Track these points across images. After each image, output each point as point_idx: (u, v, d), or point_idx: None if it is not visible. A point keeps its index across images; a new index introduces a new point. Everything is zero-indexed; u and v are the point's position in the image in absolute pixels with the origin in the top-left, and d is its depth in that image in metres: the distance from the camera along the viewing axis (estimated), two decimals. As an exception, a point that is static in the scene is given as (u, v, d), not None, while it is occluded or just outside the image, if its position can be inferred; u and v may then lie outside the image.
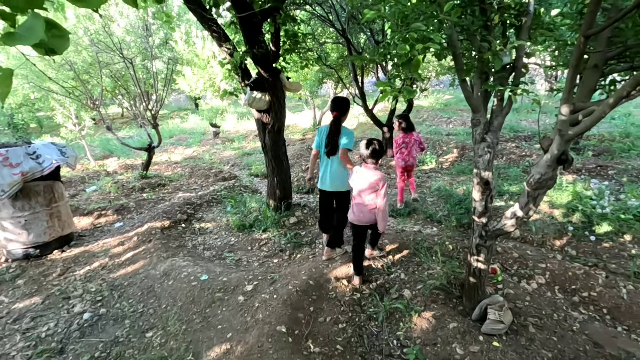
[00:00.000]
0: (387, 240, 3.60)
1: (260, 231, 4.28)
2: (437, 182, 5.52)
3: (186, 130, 13.52)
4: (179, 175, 7.31)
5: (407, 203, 4.91)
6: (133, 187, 6.41)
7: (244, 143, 10.51)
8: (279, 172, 4.36)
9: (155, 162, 8.57)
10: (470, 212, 4.51)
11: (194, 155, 9.45)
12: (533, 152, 6.22)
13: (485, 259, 2.49)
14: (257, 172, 7.30)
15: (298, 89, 4.14)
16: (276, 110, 3.96)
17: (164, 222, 4.46)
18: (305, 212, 4.65)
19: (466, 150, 7.24)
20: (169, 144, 10.90)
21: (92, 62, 6.45)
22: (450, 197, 4.89)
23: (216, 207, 5.28)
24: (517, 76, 2.21)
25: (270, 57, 3.52)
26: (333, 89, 11.69)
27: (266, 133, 4.14)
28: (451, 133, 9.67)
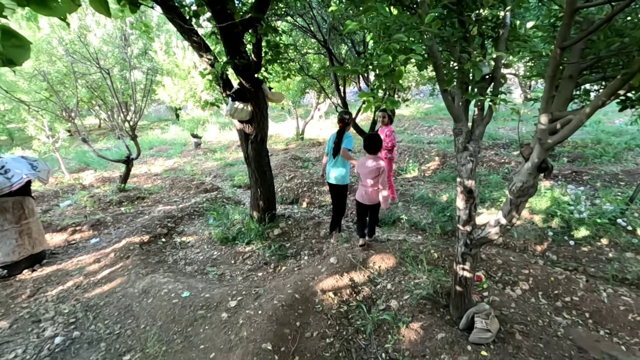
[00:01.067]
0: (373, 251, 3.57)
1: (243, 244, 4.18)
2: (420, 190, 5.57)
3: (167, 141, 13.25)
4: (159, 188, 7.12)
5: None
6: (110, 201, 6.19)
7: (226, 154, 10.38)
8: (262, 183, 4.30)
9: (135, 174, 8.32)
10: (454, 220, 4.57)
11: (174, 167, 9.24)
12: (512, 159, 6.39)
13: (471, 267, 2.49)
14: (240, 183, 7.19)
15: (280, 100, 4.12)
16: (259, 121, 3.92)
17: (143, 237, 4.30)
18: (290, 223, 4.59)
19: (447, 158, 7.36)
20: (149, 155, 10.64)
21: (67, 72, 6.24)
22: (434, 204, 4.94)
23: (198, 220, 5.14)
24: (496, 86, 2.26)
25: (251, 67, 3.49)
26: (315, 99, 11.75)
27: (249, 144, 4.08)
28: (432, 141, 9.84)
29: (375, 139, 3.48)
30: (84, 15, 10.83)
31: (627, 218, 3.85)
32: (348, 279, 3.16)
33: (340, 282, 3.11)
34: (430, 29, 1.56)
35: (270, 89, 3.94)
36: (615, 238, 3.65)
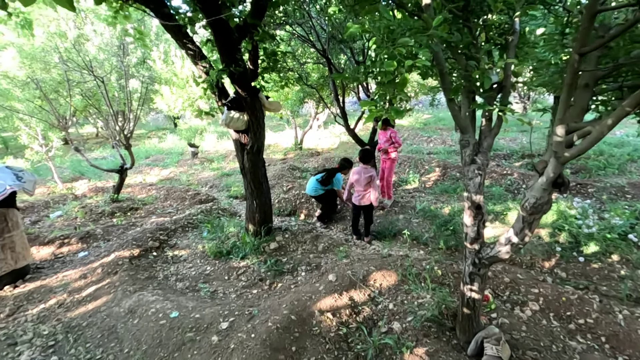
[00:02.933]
0: (374, 267, 3.40)
1: (238, 258, 4.00)
2: (422, 202, 5.42)
3: (164, 150, 13.11)
4: (153, 198, 6.94)
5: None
6: (102, 212, 6.01)
7: (224, 163, 10.23)
8: (258, 195, 4.14)
9: (129, 184, 8.15)
10: (457, 234, 4.42)
11: (170, 177, 9.08)
12: (514, 171, 6.26)
13: (479, 288, 2.33)
14: (236, 193, 7.02)
15: (278, 109, 3.99)
16: (255, 131, 3.78)
17: (133, 251, 4.11)
18: (287, 236, 4.41)
19: (448, 170, 7.23)
20: (145, 164, 10.48)
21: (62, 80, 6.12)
22: (436, 217, 4.78)
23: (192, 233, 4.96)
24: (505, 95, 2.13)
25: (248, 75, 3.37)
26: (314, 109, 11.67)
27: (245, 154, 3.93)
28: (432, 152, 9.73)
29: (370, 152, 4.46)
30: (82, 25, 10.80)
31: (637, 233, 3.70)
32: (347, 298, 2.98)
33: (339, 301, 2.93)
34: (437, 32, 1.43)
35: (267, 98, 3.81)
36: (627, 254, 3.49)
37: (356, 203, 4.49)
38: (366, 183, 4.34)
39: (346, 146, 11.77)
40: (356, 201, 4.48)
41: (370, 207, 4.48)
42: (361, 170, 4.34)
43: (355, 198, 4.48)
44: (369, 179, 4.33)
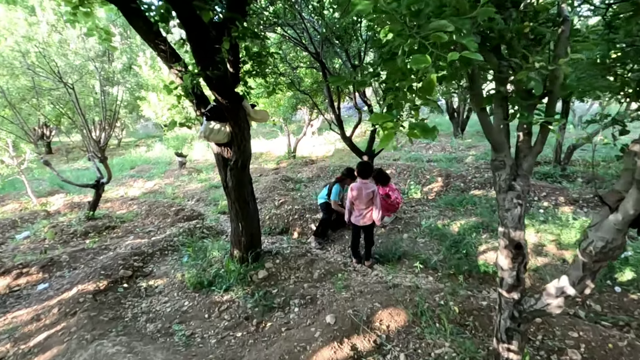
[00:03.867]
0: (378, 304, 2.89)
1: (221, 291, 3.47)
2: (427, 218, 4.93)
3: (150, 160, 12.53)
4: (133, 215, 6.38)
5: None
6: (74, 232, 5.44)
7: (212, 174, 9.68)
8: (244, 216, 3.62)
9: (109, 198, 7.58)
10: (470, 257, 3.94)
11: (155, 189, 8.51)
12: (523, 181, 5.80)
13: (519, 347, 1.83)
14: (224, 208, 6.47)
15: (265, 119, 3.49)
16: (239, 144, 3.27)
17: (100, 283, 3.56)
18: (278, 262, 3.89)
19: (451, 179, 6.78)
20: (129, 176, 9.89)
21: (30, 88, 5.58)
22: (444, 237, 4.30)
23: (171, 257, 4.42)
24: (551, 103, 1.66)
25: (228, 80, 2.87)
26: (308, 115, 11.20)
27: (228, 170, 3.42)
28: (432, 159, 9.30)
29: (368, 165, 3.96)
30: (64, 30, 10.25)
31: (678, 257, 3.24)
32: (349, 347, 2.47)
33: (339, 352, 2.41)
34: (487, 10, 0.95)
35: (252, 106, 3.32)
36: (670, 283, 3.03)
37: (356, 223, 3.99)
38: (367, 200, 3.86)
39: (342, 153, 11.30)
40: (356, 221, 3.97)
41: (371, 226, 4.01)
42: (361, 186, 3.83)
43: (355, 217, 3.97)
44: (371, 195, 3.84)
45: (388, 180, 4.79)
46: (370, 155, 6.83)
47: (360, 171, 3.90)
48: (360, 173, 3.89)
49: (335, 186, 4.81)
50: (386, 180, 4.74)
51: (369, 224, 3.95)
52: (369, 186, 3.84)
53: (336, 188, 4.77)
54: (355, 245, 4.16)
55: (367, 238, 4.06)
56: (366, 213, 3.89)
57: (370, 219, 3.91)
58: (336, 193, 4.77)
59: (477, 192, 5.97)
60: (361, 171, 3.90)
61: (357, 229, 4.06)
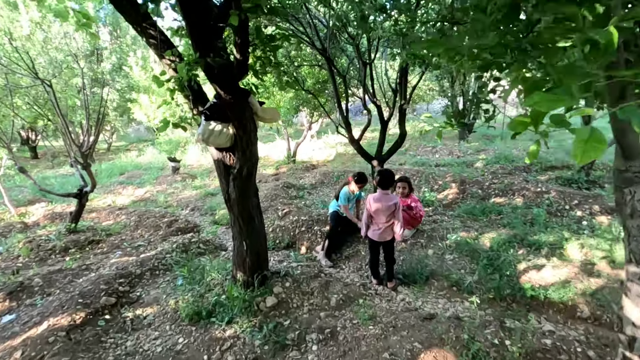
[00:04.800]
0: (418, 343, 2.36)
1: (223, 323, 2.90)
2: (450, 230, 4.42)
3: (142, 165, 11.89)
4: (121, 226, 5.78)
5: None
6: (53, 248, 4.84)
7: (207, 180, 9.10)
8: (249, 233, 3.07)
9: (94, 207, 6.96)
10: (510, 278, 3.42)
11: (146, 197, 7.90)
12: (550, 188, 5.34)
13: None
14: (222, 219, 5.92)
15: (275, 118, 2.96)
16: (244, 148, 2.73)
17: (76, 315, 2.97)
18: (288, 285, 3.34)
19: (467, 185, 6.29)
20: (118, 183, 9.25)
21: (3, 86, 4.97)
22: (475, 253, 3.79)
23: (163, 278, 3.85)
24: None
25: (233, 70, 2.34)
26: (309, 118, 10.68)
27: (230, 180, 2.87)
28: (440, 164, 8.83)
29: (389, 174, 3.41)
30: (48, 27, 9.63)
31: None
32: (392, 408, 1.93)
33: (380, 417, 1.87)
34: None
35: (261, 104, 2.78)
36: None
37: (375, 238, 3.47)
38: (389, 214, 3.36)
39: (343, 158, 10.81)
40: (375, 236, 3.46)
41: (391, 242, 3.51)
42: (381, 198, 3.34)
43: (374, 232, 3.46)
44: (392, 208, 3.35)
45: (411, 190, 4.28)
46: (380, 160, 6.32)
47: (381, 181, 3.39)
48: (381, 183, 3.39)
49: (343, 189, 4.38)
50: (409, 190, 4.23)
51: (389, 240, 3.45)
52: (391, 198, 3.38)
53: (344, 192, 4.36)
54: (374, 263, 3.63)
55: (388, 255, 3.54)
56: (386, 227, 3.41)
57: (390, 234, 3.45)
58: (344, 197, 4.33)
59: (499, 199, 5.48)
60: (382, 181, 3.39)
61: (376, 245, 3.55)
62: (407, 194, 4.29)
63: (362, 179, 4.27)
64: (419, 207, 4.17)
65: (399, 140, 6.21)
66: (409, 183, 4.38)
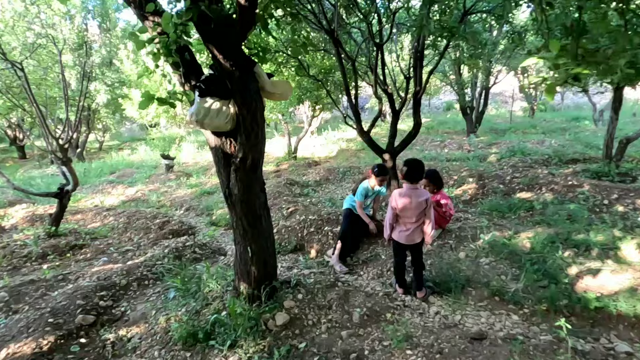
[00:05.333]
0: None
1: (224, 348, 2.37)
2: (479, 228, 3.91)
3: (134, 163, 11.29)
4: (108, 229, 5.22)
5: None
6: (29, 254, 4.27)
7: (204, 178, 8.54)
8: (254, 237, 2.54)
9: (80, 208, 6.39)
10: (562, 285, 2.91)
11: (137, 197, 7.32)
12: (583, 182, 4.83)
13: None
14: (220, 220, 5.38)
15: (286, 94, 2.40)
16: (248, 131, 2.19)
17: (44, 340, 2.43)
18: (301, 298, 2.81)
19: (486, 180, 5.79)
20: (107, 182, 8.65)
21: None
22: (515, 256, 3.28)
23: (153, 289, 3.30)
24: None
25: (235, 26, 1.79)
26: (309, 112, 10.14)
27: (231, 172, 2.33)
28: (451, 158, 8.34)
29: (418, 164, 2.85)
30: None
31: None
32: None
33: None
34: None
35: (270, 76, 2.25)
36: None
37: (402, 241, 2.94)
38: (419, 212, 2.83)
39: (346, 154, 10.29)
40: (402, 238, 2.93)
41: (420, 245, 2.99)
42: (409, 193, 2.81)
43: (401, 233, 2.94)
44: (423, 205, 2.81)
45: (442, 184, 3.74)
46: (392, 153, 5.81)
47: (409, 173, 2.83)
48: (409, 175, 2.83)
49: (361, 184, 3.83)
50: (439, 184, 3.69)
51: (417, 242, 2.94)
52: (421, 193, 2.84)
53: (362, 186, 3.79)
54: (400, 270, 3.10)
55: (416, 260, 3.00)
56: (415, 228, 2.89)
57: (420, 235, 2.94)
58: (362, 192, 3.80)
59: (525, 194, 4.98)
60: (410, 173, 2.83)
61: (402, 248, 3.01)
62: (437, 190, 3.76)
63: (382, 171, 3.72)
64: (449, 204, 3.65)
65: (413, 131, 5.70)
66: (436, 178, 3.82)
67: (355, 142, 11.41)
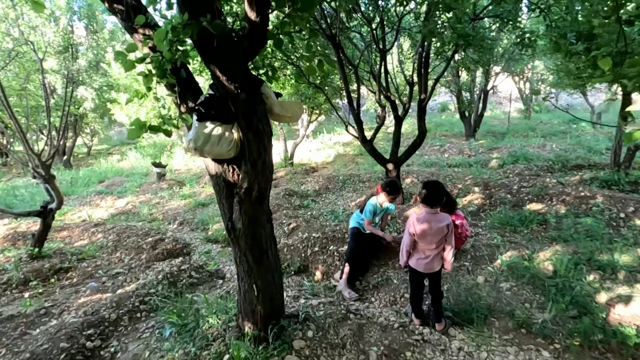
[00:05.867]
0: None
1: (228, 402, 2.10)
2: (494, 247, 3.69)
3: (123, 171, 10.88)
4: (96, 248, 4.89)
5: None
6: (9, 281, 3.93)
7: (197, 187, 8.21)
8: (260, 273, 2.27)
9: (66, 224, 6.03)
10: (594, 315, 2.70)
11: (127, 209, 6.97)
12: (595, 192, 4.66)
13: None
14: (217, 235, 5.09)
15: (297, 116, 2.12)
16: (255, 159, 1.93)
17: (22, 397, 2.12)
18: (311, 334, 2.55)
19: (492, 190, 5.60)
20: (95, 192, 8.26)
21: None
22: (538, 280, 3.06)
23: (146, 324, 3.00)
24: None
25: (241, 41, 1.52)
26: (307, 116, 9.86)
27: (235, 204, 2.06)
28: (452, 164, 8.17)
29: (438, 186, 2.65)
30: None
31: None
32: None
33: None
34: None
35: (277, 96, 1.98)
36: None
37: (420, 269, 2.70)
38: (439, 238, 2.60)
39: (344, 159, 10.05)
40: (421, 266, 2.69)
41: (439, 272, 2.76)
42: (429, 218, 2.58)
43: (419, 261, 2.69)
44: (444, 231, 2.58)
45: (455, 208, 3.46)
46: (395, 163, 5.59)
47: (429, 196, 2.57)
48: (428, 199, 2.57)
49: (369, 201, 3.54)
50: (453, 207, 3.40)
51: (437, 270, 2.72)
52: (441, 218, 2.60)
53: (371, 204, 3.51)
54: (417, 299, 2.86)
55: (434, 289, 2.79)
56: (435, 255, 2.66)
57: (440, 263, 2.71)
58: (370, 210, 3.50)
59: (536, 206, 4.79)
60: (429, 196, 2.57)
61: (420, 277, 2.78)
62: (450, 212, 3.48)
63: (395, 189, 3.44)
64: (464, 225, 3.41)
65: (418, 139, 5.50)
66: (450, 202, 3.29)
67: (352, 146, 11.17)
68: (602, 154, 7.66)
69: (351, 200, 6.04)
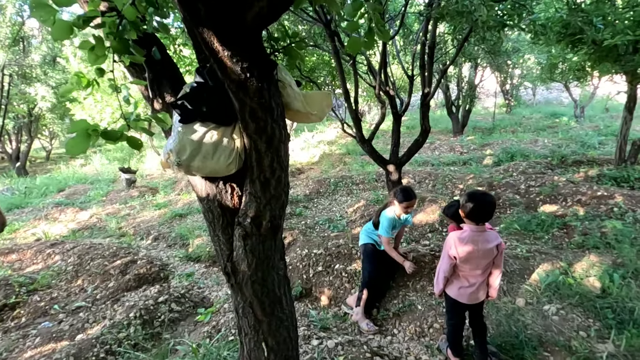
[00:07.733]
0: None
1: None
2: (524, 259, 3.26)
3: (87, 177, 9.82)
4: (53, 275, 4.10)
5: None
6: None
7: (173, 195, 7.41)
8: (272, 328, 1.68)
9: (16, 245, 5.13)
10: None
11: (91, 223, 6.10)
12: (613, 192, 4.35)
13: None
14: (199, 252, 4.41)
15: (322, 113, 1.53)
16: (267, 177, 1.33)
17: None
18: (334, 395, 1.98)
19: (498, 190, 5.25)
20: (54, 204, 7.26)
21: None
22: (587, 301, 2.64)
23: (114, 384, 2.33)
24: None
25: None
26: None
27: (237, 238, 1.46)
28: (445, 162, 7.82)
29: (489, 199, 2.07)
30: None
31: None
32: None
33: None
34: None
35: (298, 84, 1.39)
36: None
37: (463, 300, 2.19)
38: (487, 262, 2.10)
39: (331, 159, 9.50)
40: (464, 297, 2.18)
41: (482, 303, 2.28)
42: (475, 238, 2.04)
43: (461, 290, 2.18)
44: (494, 253, 2.07)
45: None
46: (397, 164, 5.09)
47: (476, 211, 2.01)
48: (476, 214, 2.02)
49: (384, 213, 2.94)
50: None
51: (482, 300, 2.24)
52: (490, 237, 2.07)
53: (387, 217, 2.90)
54: (457, 335, 2.36)
55: (477, 321, 2.30)
56: (481, 283, 2.16)
57: (485, 291, 2.22)
58: (389, 225, 2.89)
59: (551, 207, 4.45)
60: (477, 211, 2.01)
61: (462, 308, 2.27)
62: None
63: (407, 195, 2.88)
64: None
65: (420, 138, 5.00)
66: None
67: (338, 145, 10.67)
68: (595, 148, 7.53)
69: (347, 206, 5.51)
